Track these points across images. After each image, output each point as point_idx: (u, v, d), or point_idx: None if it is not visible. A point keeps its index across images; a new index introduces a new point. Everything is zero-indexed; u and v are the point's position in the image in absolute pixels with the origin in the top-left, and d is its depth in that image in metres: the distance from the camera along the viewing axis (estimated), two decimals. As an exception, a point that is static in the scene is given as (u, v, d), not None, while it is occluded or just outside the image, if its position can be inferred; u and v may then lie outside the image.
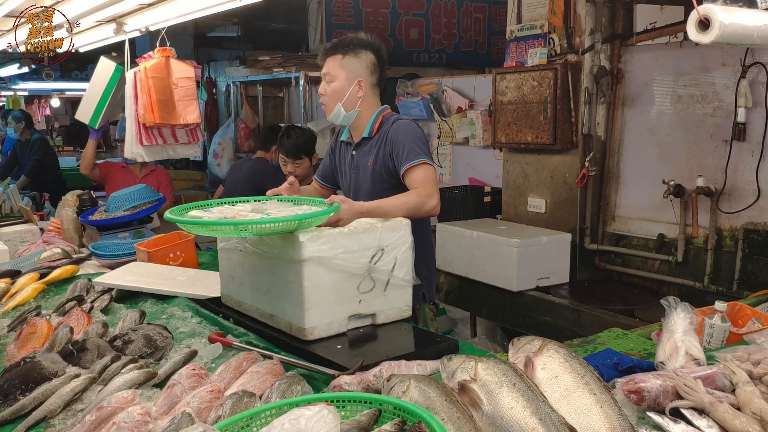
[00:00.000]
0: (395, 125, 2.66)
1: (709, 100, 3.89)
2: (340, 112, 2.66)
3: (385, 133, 2.65)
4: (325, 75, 2.67)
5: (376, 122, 2.69)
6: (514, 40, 4.59)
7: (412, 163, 2.54)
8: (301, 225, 2.01)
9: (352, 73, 2.63)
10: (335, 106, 2.65)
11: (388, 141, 2.63)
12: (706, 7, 1.61)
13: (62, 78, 11.26)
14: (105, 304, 2.60)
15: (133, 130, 4.17)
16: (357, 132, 2.76)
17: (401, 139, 2.59)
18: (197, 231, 2.18)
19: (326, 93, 2.67)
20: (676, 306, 1.82)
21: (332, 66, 2.64)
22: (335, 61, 2.64)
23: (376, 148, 2.67)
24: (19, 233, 3.84)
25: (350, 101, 2.65)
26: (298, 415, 1.24)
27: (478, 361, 1.47)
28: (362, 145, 2.74)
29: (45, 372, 1.89)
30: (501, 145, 4.71)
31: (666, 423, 1.44)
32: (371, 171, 2.68)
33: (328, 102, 2.67)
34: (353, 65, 2.63)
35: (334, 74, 2.64)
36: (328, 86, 2.66)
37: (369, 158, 2.69)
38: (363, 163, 2.72)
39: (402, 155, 2.57)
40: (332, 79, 2.65)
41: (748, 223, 3.75)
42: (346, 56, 2.63)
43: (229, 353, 1.99)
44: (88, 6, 3.46)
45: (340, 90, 2.64)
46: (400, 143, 2.58)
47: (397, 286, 2.19)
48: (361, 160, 2.74)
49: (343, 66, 2.63)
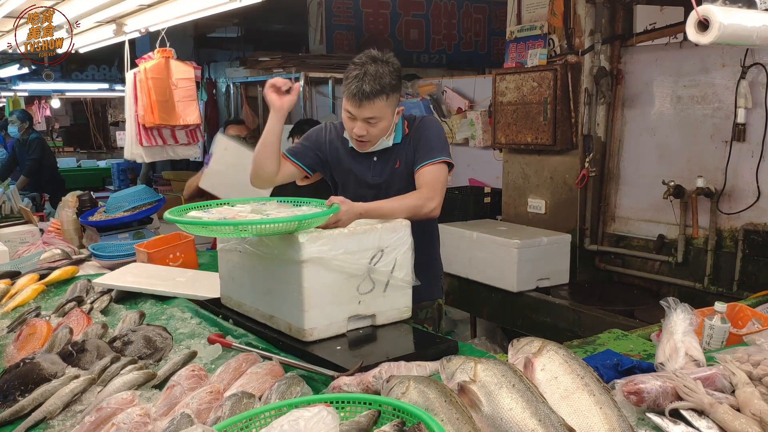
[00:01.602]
0: (422, 123, 2.60)
1: (709, 100, 3.89)
2: (383, 143, 2.57)
3: (415, 132, 2.59)
4: (369, 119, 2.47)
5: (403, 125, 2.62)
6: (514, 40, 4.59)
7: (428, 162, 2.50)
8: (300, 226, 2.01)
9: (394, 105, 2.53)
10: (378, 141, 2.55)
11: (413, 139, 2.58)
12: (706, 7, 1.61)
13: (62, 79, 11.25)
14: (105, 305, 2.59)
15: (133, 130, 4.18)
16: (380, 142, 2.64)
17: (425, 135, 2.55)
18: (197, 231, 2.18)
19: (368, 133, 2.51)
20: (676, 307, 1.82)
21: (378, 109, 2.44)
22: (380, 103, 2.45)
23: (405, 149, 2.60)
24: (19, 234, 3.84)
25: (392, 129, 2.57)
26: (297, 416, 1.24)
27: (478, 362, 1.47)
28: (389, 151, 2.63)
29: (44, 373, 1.89)
30: (501, 145, 4.71)
31: (666, 424, 1.44)
32: (400, 172, 2.60)
33: (373, 140, 2.54)
34: (395, 98, 2.52)
35: (382, 116, 2.48)
36: (374, 128, 2.49)
37: (398, 160, 2.61)
38: (388, 169, 2.62)
39: (422, 152, 2.52)
40: (379, 121, 2.49)
41: (748, 224, 3.75)
42: (390, 95, 2.47)
43: (229, 354, 1.99)
44: (88, 7, 3.46)
45: (386, 128, 2.53)
46: (424, 140, 2.54)
47: (396, 287, 2.19)
48: (386, 165, 2.63)
49: (389, 104, 2.49)
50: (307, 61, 6.79)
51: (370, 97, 2.42)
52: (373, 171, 2.63)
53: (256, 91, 8.09)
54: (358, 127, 2.49)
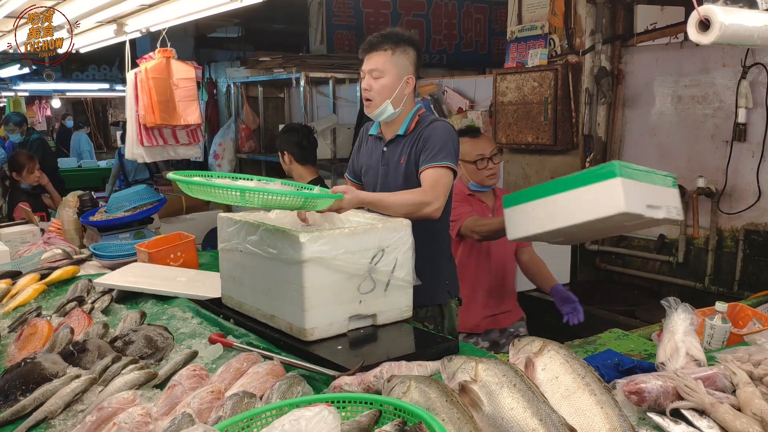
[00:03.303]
0: (433, 125, 2.60)
1: (710, 100, 3.89)
2: (388, 108, 2.57)
3: (420, 132, 2.59)
4: (371, 71, 2.55)
5: (412, 120, 2.63)
6: (514, 40, 4.59)
7: (433, 164, 2.49)
8: (306, 204, 2.03)
9: (401, 69, 2.55)
10: (383, 102, 2.56)
11: (421, 140, 2.57)
12: (707, 7, 1.61)
13: (63, 79, 11.27)
14: (105, 304, 2.60)
15: (134, 130, 4.18)
16: (391, 129, 2.68)
17: (434, 139, 2.54)
18: (204, 195, 2.12)
19: (372, 89, 2.55)
20: (677, 307, 1.82)
21: (381, 61, 2.53)
22: (384, 56, 2.53)
23: (409, 146, 2.61)
24: (20, 234, 3.84)
25: (398, 98, 2.57)
26: (298, 415, 1.24)
27: (479, 362, 1.47)
28: (395, 142, 2.67)
29: (45, 373, 1.89)
30: (502, 145, 4.71)
31: (666, 424, 1.44)
32: (403, 169, 2.61)
33: (375, 98, 2.56)
34: (402, 61, 2.55)
35: (384, 69, 2.53)
36: (376, 82, 2.54)
37: (402, 156, 2.62)
38: (394, 161, 2.66)
39: (428, 155, 2.52)
40: (381, 75, 2.53)
41: (749, 224, 3.75)
42: (396, 52, 2.54)
43: (230, 354, 1.99)
44: (89, 7, 3.46)
45: (390, 86, 2.55)
46: (432, 142, 2.53)
47: (397, 286, 2.19)
48: (392, 157, 2.67)
49: (393, 62, 2.54)
50: (308, 61, 6.79)
51: (375, 47, 2.55)
52: (382, 160, 2.69)
53: (256, 90, 8.09)
54: (364, 82, 2.59)
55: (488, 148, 3.20)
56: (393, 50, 2.54)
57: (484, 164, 3.15)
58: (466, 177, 3.22)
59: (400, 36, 2.57)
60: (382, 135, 2.73)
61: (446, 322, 2.74)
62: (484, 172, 3.17)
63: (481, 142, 3.21)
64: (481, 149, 3.16)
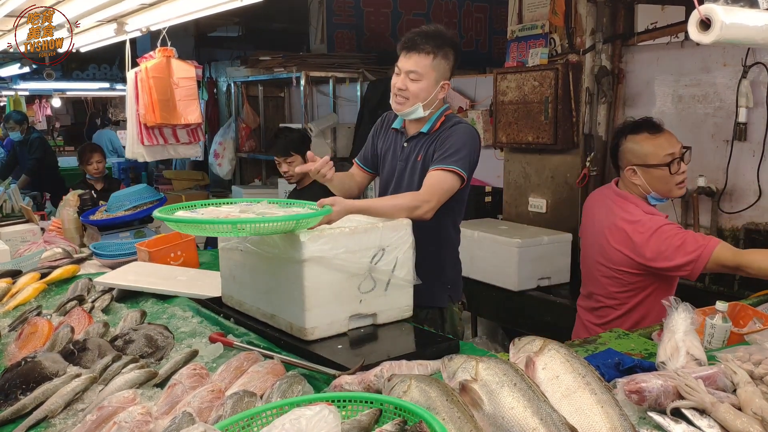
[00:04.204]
0: (455, 127, 2.56)
1: (710, 100, 3.89)
2: (419, 111, 2.53)
3: (442, 131, 2.56)
4: (409, 72, 2.49)
5: (438, 120, 2.59)
6: (515, 40, 4.59)
7: (441, 166, 2.45)
8: (298, 225, 2.01)
9: (439, 74, 2.51)
10: (414, 104, 2.52)
11: (439, 139, 2.54)
12: (708, 6, 1.60)
13: (63, 78, 11.25)
14: (106, 303, 2.60)
15: (134, 130, 4.18)
16: (415, 126, 2.64)
17: (451, 141, 2.50)
18: (193, 231, 2.16)
19: (408, 89, 2.50)
20: (677, 306, 1.82)
21: (422, 65, 2.47)
22: (425, 60, 2.47)
23: (428, 144, 2.58)
24: (20, 233, 3.84)
25: (431, 102, 2.54)
26: (298, 414, 1.23)
27: (479, 361, 1.47)
28: (416, 139, 2.63)
29: (46, 372, 1.89)
30: (502, 145, 4.71)
31: (667, 423, 1.44)
32: (420, 167, 2.59)
33: (409, 99, 2.52)
34: (442, 66, 2.50)
35: (423, 74, 2.48)
36: (413, 84, 2.49)
37: (420, 154, 2.60)
38: (413, 158, 2.63)
39: (440, 155, 2.49)
40: (419, 78, 2.48)
41: (750, 223, 3.75)
42: (437, 56, 2.48)
43: (230, 353, 1.99)
44: (89, 6, 3.46)
45: (425, 90, 2.50)
46: (448, 144, 2.50)
47: (397, 286, 2.19)
48: (411, 153, 2.63)
49: (433, 66, 2.48)
50: (308, 61, 6.79)
51: (417, 48, 2.48)
52: (401, 155, 2.68)
53: (257, 90, 8.10)
54: (400, 81, 2.53)
55: (677, 144, 2.60)
56: (435, 54, 2.48)
57: (676, 167, 2.56)
58: (645, 187, 2.61)
59: (443, 38, 2.51)
60: (404, 130, 2.70)
61: (447, 325, 2.74)
62: (677, 177, 2.57)
63: (667, 138, 2.59)
64: (671, 147, 2.57)
